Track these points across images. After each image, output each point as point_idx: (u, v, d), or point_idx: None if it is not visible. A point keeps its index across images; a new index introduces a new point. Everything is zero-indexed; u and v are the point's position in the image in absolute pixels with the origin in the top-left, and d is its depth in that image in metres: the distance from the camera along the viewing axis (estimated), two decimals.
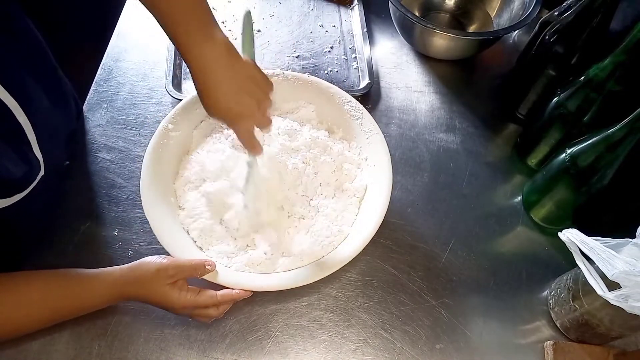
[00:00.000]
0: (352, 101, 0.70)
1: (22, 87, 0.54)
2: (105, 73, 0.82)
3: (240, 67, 0.53)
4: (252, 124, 0.54)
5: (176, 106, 0.67)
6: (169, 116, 0.66)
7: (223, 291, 0.55)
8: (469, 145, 0.78)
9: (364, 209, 0.64)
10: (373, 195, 0.64)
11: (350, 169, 0.67)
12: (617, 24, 0.66)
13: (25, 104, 0.53)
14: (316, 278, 0.56)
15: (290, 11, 0.94)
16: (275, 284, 0.56)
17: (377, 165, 0.66)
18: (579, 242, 0.50)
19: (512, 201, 0.73)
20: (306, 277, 0.56)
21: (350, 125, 0.70)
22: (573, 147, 0.61)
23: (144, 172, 0.61)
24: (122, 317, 0.59)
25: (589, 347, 0.58)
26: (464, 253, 0.67)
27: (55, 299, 0.52)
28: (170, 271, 0.53)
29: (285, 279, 0.57)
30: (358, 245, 0.58)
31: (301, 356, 0.58)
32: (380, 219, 0.60)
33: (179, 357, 0.57)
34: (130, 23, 0.89)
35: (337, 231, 0.62)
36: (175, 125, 0.66)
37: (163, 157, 0.64)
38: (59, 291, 0.52)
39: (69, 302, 0.52)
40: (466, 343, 0.60)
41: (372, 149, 0.67)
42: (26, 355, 0.56)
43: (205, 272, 0.55)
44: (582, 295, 0.56)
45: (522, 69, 0.78)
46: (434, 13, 0.95)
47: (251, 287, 0.56)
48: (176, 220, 0.61)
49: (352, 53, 0.88)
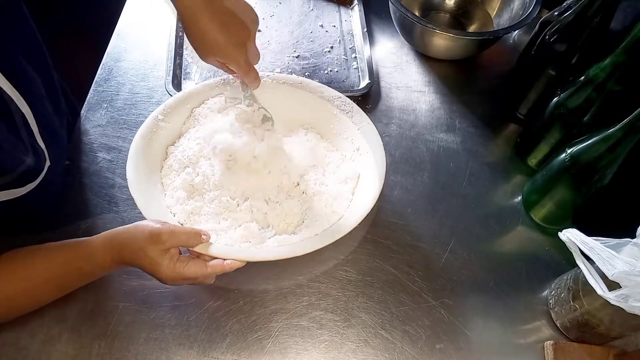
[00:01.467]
0: (341, 97, 0.71)
1: (23, 78, 0.54)
2: (105, 73, 0.82)
3: (223, 3, 0.55)
4: (243, 52, 0.56)
5: (167, 100, 0.68)
6: (159, 108, 0.67)
7: (213, 261, 0.54)
8: (469, 145, 0.78)
9: (358, 194, 0.65)
10: (367, 181, 0.65)
11: (343, 159, 0.69)
12: (617, 23, 0.66)
13: (26, 95, 0.53)
14: (311, 249, 0.56)
15: (290, 11, 0.94)
16: (269, 254, 0.56)
17: (369, 153, 0.67)
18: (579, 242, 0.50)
19: (512, 201, 0.73)
20: (302, 248, 0.56)
21: (341, 119, 0.71)
22: (573, 147, 0.61)
23: (131, 158, 0.61)
24: (122, 317, 0.59)
25: (589, 347, 0.58)
26: (464, 253, 0.67)
27: (59, 269, 0.52)
28: (163, 236, 0.52)
29: (279, 249, 0.57)
30: (353, 221, 0.59)
31: (301, 356, 0.58)
32: (374, 199, 0.61)
33: (179, 357, 0.57)
34: (130, 23, 0.89)
35: (331, 212, 0.62)
36: (165, 116, 0.67)
37: (151, 145, 0.64)
38: (61, 261, 0.53)
39: (73, 271, 0.53)
40: (466, 343, 0.60)
41: (365, 138, 0.68)
42: (26, 355, 0.56)
43: (200, 242, 0.54)
44: (582, 295, 0.56)
45: (522, 69, 0.78)
46: (434, 13, 0.95)
47: (243, 257, 0.55)
48: (162, 204, 0.61)
49: (352, 53, 0.88)
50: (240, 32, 0.55)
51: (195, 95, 0.70)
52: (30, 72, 0.57)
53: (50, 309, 0.59)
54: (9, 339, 0.57)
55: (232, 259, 0.54)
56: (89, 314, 0.59)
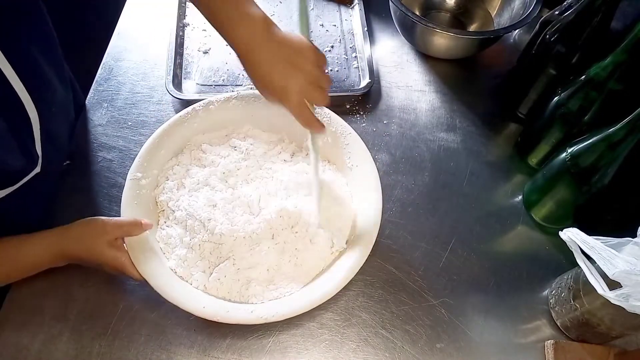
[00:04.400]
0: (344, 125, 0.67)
1: (36, 79, 0.54)
2: (106, 72, 0.82)
3: (282, 40, 0.52)
4: (302, 97, 0.52)
5: (140, 152, 0.64)
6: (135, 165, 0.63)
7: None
8: (470, 145, 0.78)
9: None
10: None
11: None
12: (617, 23, 0.66)
13: (38, 102, 0.53)
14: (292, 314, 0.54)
15: (291, 10, 0.94)
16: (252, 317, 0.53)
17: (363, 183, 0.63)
18: (580, 241, 0.50)
19: (513, 200, 0.73)
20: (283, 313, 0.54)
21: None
22: (574, 147, 0.61)
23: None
24: (123, 316, 0.59)
25: (590, 347, 0.58)
26: (465, 252, 0.67)
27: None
28: (108, 227, 0.54)
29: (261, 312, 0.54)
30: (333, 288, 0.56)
31: (302, 355, 0.58)
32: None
33: (179, 357, 0.57)
34: (131, 23, 0.89)
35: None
36: (144, 172, 0.63)
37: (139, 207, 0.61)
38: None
39: (7, 263, 0.54)
40: (467, 342, 0.60)
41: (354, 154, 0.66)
42: (27, 355, 0.56)
43: (142, 231, 0.56)
44: (582, 294, 0.56)
45: (523, 68, 0.78)
46: (435, 12, 0.94)
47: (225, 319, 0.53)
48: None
49: (353, 52, 0.88)
50: (300, 76, 0.51)
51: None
52: (46, 74, 0.57)
53: (51, 308, 0.59)
54: (10, 339, 0.57)
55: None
56: (90, 314, 0.59)
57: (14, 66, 0.49)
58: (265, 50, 0.51)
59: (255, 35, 0.51)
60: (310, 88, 0.52)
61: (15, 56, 0.49)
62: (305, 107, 0.52)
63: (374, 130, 0.79)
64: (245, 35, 0.51)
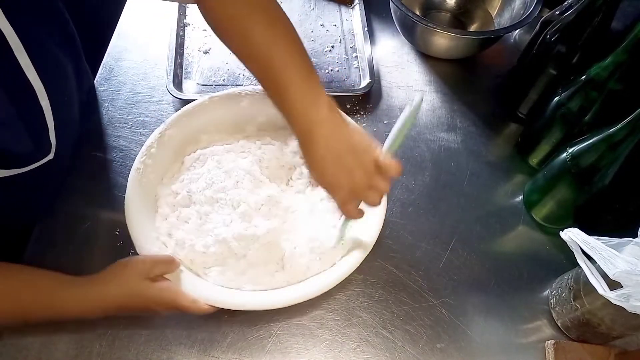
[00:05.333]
0: None
1: (53, 70, 0.55)
2: (106, 72, 0.82)
3: (342, 135, 0.51)
4: (348, 197, 0.52)
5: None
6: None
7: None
8: (470, 145, 0.78)
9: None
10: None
11: None
12: (618, 23, 0.66)
13: (52, 94, 0.53)
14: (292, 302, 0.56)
15: (291, 10, 0.94)
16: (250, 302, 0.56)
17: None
18: (580, 241, 0.50)
19: (513, 200, 0.72)
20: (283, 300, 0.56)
21: None
22: (574, 147, 0.61)
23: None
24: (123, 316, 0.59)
25: (590, 347, 0.58)
26: (465, 252, 0.67)
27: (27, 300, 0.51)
28: (147, 264, 0.53)
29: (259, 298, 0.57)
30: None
31: (302, 355, 0.58)
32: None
33: (180, 357, 0.57)
34: (131, 23, 0.89)
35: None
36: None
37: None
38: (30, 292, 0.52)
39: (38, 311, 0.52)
40: (467, 342, 0.60)
41: None
42: (27, 355, 0.56)
43: (177, 267, 0.56)
44: (583, 294, 0.56)
45: (523, 68, 0.78)
46: (435, 12, 0.94)
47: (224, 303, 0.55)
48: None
49: (353, 52, 0.88)
50: (349, 176, 0.50)
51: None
52: (63, 67, 0.57)
53: None
54: (10, 339, 0.57)
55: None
56: None
57: (32, 59, 0.49)
58: (319, 143, 0.50)
59: (316, 126, 0.50)
60: (360, 189, 0.51)
61: (34, 49, 0.49)
62: (346, 204, 0.52)
63: (374, 130, 0.79)
64: (307, 123, 0.50)
